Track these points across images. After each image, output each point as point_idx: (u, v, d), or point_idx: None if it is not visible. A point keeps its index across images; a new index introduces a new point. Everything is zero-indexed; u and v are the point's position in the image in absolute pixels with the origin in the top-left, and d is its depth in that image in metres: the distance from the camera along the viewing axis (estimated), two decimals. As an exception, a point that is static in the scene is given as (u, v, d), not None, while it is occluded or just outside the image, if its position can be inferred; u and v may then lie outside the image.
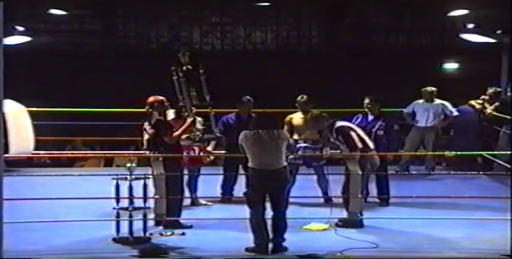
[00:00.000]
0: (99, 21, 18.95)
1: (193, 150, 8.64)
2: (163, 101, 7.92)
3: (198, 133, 8.43)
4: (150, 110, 7.82)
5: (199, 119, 8.62)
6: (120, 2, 18.64)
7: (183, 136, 8.04)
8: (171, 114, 8.38)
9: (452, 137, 11.70)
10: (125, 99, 13.77)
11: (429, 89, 11.16)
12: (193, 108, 8.30)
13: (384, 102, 9.25)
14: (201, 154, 8.71)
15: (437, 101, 11.13)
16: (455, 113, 11.15)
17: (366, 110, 9.19)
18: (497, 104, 11.17)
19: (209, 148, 8.91)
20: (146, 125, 7.84)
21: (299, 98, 9.13)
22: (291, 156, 8.23)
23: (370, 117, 9.15)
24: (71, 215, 7.76)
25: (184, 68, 8.25)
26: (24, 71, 14.66)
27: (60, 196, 7.87)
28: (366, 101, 9.20)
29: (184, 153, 8.24)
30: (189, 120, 8.08)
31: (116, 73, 17.16)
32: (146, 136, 7.86)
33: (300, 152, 8.76)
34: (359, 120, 9.18)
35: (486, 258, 6.74)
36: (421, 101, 11.16)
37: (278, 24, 19.02)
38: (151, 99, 7.88)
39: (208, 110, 8.58)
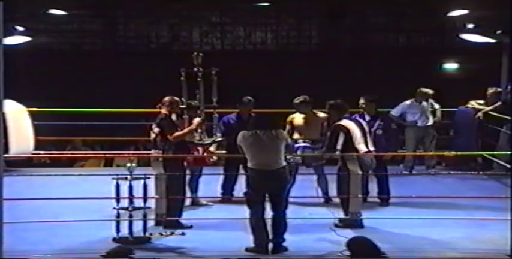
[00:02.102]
0: (99, 21, 18.93)
1: (197, 150, 8.63)
2: (179, 102, 7.93)
3: (197, 136, 8.43)
4: (166, 108, 7.82)
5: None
6: (120, 2, 18.63)
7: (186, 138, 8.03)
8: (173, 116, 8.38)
9: (452, 137, 11.69)
10: (125, 99, 13.83)
11: (426, 90, 11.07)
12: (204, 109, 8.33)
13: (379, 101, 9.23)
14: (205, 154, 8.70)
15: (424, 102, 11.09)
16: (437, 106, 11.16)
17: (362, 110, 9.19)
18: (498, 103, 11.17)
19: (211, 149, 8.91)
20: (153, 124, 7.85)
21: (295, 99, 9.11)
22: (290, 156, 8.22)
23: (367, 117, 9.13)
24: (71, 215, 7.76)
25: (195, 69, 8.23)
26: (24, 71, 14.66)
27: (60, 196, 7.87)
28: (361, 101, 9.19)
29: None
30: (196, 121, 8.07)
31: (116, 73, 17.16)
32: (153, 136, 7.87)
33: (299, 152, 8.75)
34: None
35: (486, 258, 6.73)
36: (408, 102, 11.03)
37: (278, 24, 19.01)
38: (168, 98, 7.89)
39: (212, 111, 8.58)
